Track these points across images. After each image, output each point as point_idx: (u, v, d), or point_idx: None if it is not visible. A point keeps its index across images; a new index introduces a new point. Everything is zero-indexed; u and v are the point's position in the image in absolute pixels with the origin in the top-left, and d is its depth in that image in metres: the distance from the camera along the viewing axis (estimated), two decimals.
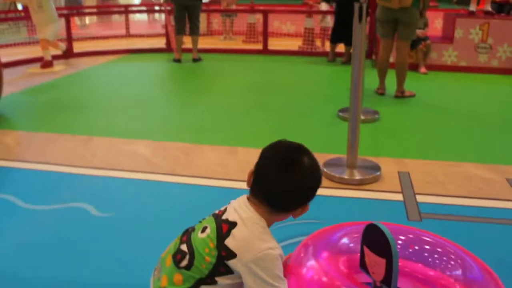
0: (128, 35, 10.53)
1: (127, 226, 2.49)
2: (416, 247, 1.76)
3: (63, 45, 7.63)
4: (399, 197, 2.79)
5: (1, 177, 3.26)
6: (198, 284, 1.34)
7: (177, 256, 1.38)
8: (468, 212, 2.62)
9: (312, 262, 1.58)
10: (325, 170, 3.07)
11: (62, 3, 12.40)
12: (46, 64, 7.14)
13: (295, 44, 8.16)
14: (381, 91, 5.18)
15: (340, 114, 4.27)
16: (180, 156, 3.47)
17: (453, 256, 1.67)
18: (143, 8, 11.18)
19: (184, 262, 1.36)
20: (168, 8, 7.78)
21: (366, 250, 1.57)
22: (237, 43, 8.69)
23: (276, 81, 5.96)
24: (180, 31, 7.17)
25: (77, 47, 8.28)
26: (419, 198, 2.77)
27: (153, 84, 6.24)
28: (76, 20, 12.47)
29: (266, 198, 1.38)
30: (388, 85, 5.21)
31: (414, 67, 6.31)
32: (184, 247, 1.39)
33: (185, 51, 7.40)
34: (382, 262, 1.50)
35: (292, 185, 1.37)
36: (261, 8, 8.72)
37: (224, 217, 1.39)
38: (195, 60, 7.28)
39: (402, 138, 3.88)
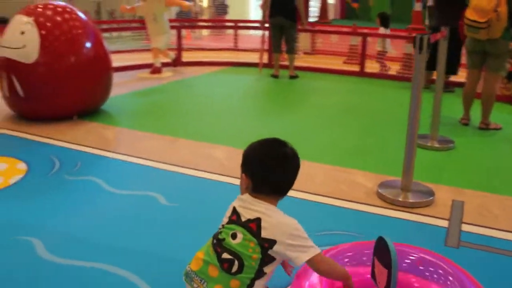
0: (236, 49, 11.11)
1: (186, 216, 2.85)
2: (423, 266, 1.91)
3: (172, 54, 8.32)
4: (445, 223, 2.85)
5: (94, 163, 3.79)
6: (253, 283, 1.56)
7: (224, 265, 1.55)
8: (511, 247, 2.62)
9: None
10: (379, 190, 3.21)
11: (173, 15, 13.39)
12: (155, 70, 7.86)
13: (394, 68, 8.19)
14: (465, 121, 5.13)
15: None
16: None
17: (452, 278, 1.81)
18: (249, 24, 11.71)
19: (235, 268, 1.54)
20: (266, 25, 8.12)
21: (376, 261, 1.75)
22: (337, 64, 8.87)
23: (364, 103, 6.08)
24: (276, 49, 7.53)
25: (187, 56, 8.96)
26: (465, 227, 2.80)
27: (246, 95, 6.63)
28: (191, 32, 13.40)
29: (274, 190, 1.65)
30: (475, 117, 5.15)
31: (510, 100, 6.10)
32: (226, 256, 1.55)
33: (285, 67, 7.71)
34: (385, 272, 1.68)
35: (294, 170, 1.67)
36: (362, 31, 8.85)
37: (243, 219, 1.61)
38: (292, 77, 7.58)
39: (469, 169, 3.86)
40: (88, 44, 5.03)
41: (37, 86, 4.74)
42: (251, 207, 1.62)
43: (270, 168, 1.63)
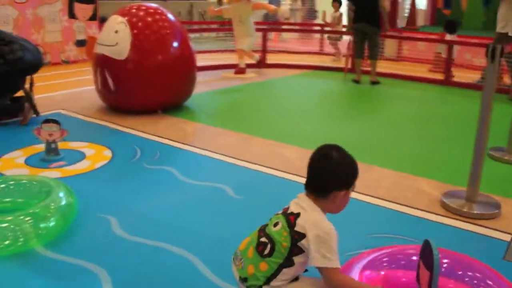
0: (321, 53, 11.19)
1: (249, 208, 3.01)
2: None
3: (257, 56, 8.56)
4: (508, 237, 2.78)
5: (171, 154, 4.06)
6: (280, 269, 1.68)
7: (259, 247, 1.71)
8: None
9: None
10: (443, 199, 3.18)
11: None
12: (240, 70, 8.14)
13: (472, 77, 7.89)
14: None
15: (490, 152, 4.23)
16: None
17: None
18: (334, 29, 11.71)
19: (267, 251, 1.69)
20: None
21: (420, 263, 1.81)
22: (422, 71, 8.68)
23: (442, 112, 5.94)
24: (358, 54, 7.53)
25: (272, 58, 9.17)
26: None
27: (324, 99, 6.69)
28: (277, 34, 13.63)
29: (312, 188, 1.76)
30: None
31: None
32: (263, 239, 1.72)
33: (367, 73, 7.68)
34: (427, 274, 1.74)
35: (329, 173, 1.74)
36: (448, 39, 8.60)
37: (289, 211, 1.77)
38: (373, 83, 7.54)
39: None
40: (175, 44, 5.35)
41: (127, 81, 5.13)
42: (299, 202, 1.77)
43: (311, 168, 1.78)
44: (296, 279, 1.74)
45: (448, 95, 7.02)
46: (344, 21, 10.27)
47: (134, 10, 5.34)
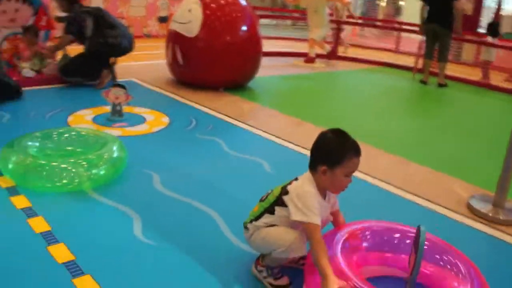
0: (396, 50, 11.10)
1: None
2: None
3: (328, 47, 8.70)
4: None
5: (223, 128, 4.36)
6: (264, 213, 2.05)
7: (263, 197, 2.13)
8: None
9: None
10: (469, 201, 3.24)
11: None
12: (309, 59, 8.33)
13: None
14: None
15: None
16: (368, 158, 3.94)
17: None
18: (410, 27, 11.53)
19: (263, 198, 2.11)
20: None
21: (412, 248, 1.97)
22: (498, 80, 8.44)
23: (503, 123, 5.79)
24: (428, 55, 7.46)
25: (343, 51, 9.26)
26: None
27: (385, 95, 6.71)
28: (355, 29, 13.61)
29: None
30: None
31: None
32: (267, 192, 2.11)
33: (435, 74, 7.61)
34: (414, 257, 1.91)
35: (313, 146, 1.99)
36: None
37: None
38: (440, 85, 7.46)
39: None
40: (243, 27, 5.64)
41: (194, 58, 5.49)
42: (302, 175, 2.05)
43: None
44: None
45: None
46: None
47: None
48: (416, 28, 8.03)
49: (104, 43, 5.19)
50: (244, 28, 5.65)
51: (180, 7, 5.73)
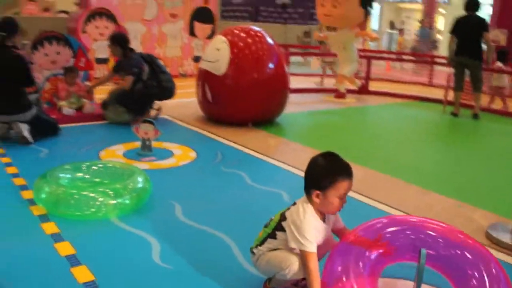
0: (429, 84, 11.08)
1: None
2: None
3: (358, 82, 8.80)
4: None
5: (249, 162, 4.49)
6: (267, 238, 2.18)
7: (267, 222, 2.26)
8: None
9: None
10: (488, 230, 3.23)
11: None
12: (339, 95, 8.46)
13: None
14: None
15: None
16: (392, 189, 3.99)
17: None
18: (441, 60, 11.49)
19: (267, 224, 2.25)
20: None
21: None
22: None
23: None
24: (457, 87, 7.45)
25: (375, 86, 9.35)
26: None
27: (416, 128, 6.72)
28: (391, 64, 13.69)
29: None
30: None
31: None
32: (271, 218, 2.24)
33: (466, 106, 7.57)
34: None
35: (305, 172, 2.11)
36: None
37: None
38: (475, 115, 7.41)
39: None
40: (270, 65, 5.84)
41: (223, 95, 5.71)
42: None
43: None
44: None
45: None
46: None
47: (236, 32, 5.93)
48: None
49: (159, 86, 5.67)
50: (271, 65, 5.84)
51: (209, 46, 6.00)
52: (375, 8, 24.89)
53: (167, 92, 5.83)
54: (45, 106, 5.78)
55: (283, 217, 2.11)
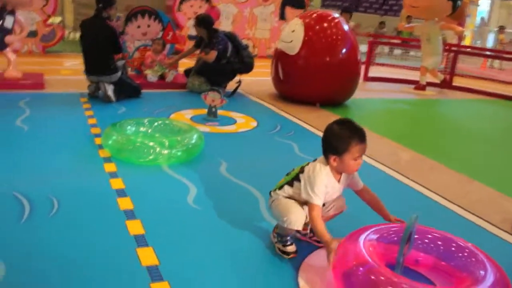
0: None
1: None
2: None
3: (441, 76, 8.67)
4: None
5: (302, 134, 4.76)
6: (285, 184, 2.42)
7: (289, 171, 2.49)
8: None
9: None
10: None
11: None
12: (419, 87, 8.39)
13: None
14: None
15: None
16: (452, 182, 4.00)
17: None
18: None
19: (289, 172, 2.47)
20: None
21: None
22: None
23: None
24: None
25: (460, 81, 9.13)
26: None
27: (488, 125, 6.53)
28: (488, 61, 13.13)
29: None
30: None
31: None
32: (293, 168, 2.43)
33: None
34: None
35: (323, 138, 2.30)
36: None
37: None
38: None
39: None
40: (343, 50, 6.02)
41: (294, 74, 6.00)
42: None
43: None
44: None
45: None
46: None
47: (314, 15, 6.16)
48: None
49: (241, 62, 6.26)
50: (343, 50, 6.02)
51: (286, 28, 6.30)
52: (485, 4, 23.68)
53: (248, 66, 6.37)
54: (133, 73, 6.42)
55: (302, 170, 2.31)
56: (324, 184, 2.24)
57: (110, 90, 5.14)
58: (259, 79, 7.42)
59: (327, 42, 5.94)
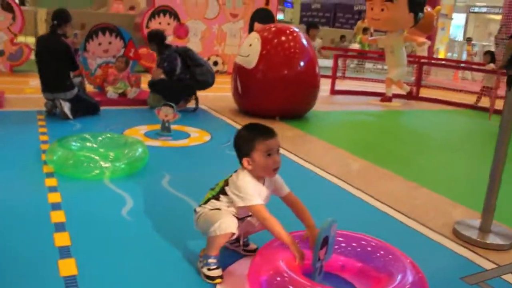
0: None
1: None
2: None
3: (407, 87, 8.83)
4: (491, 266, 2.74)
5: None
6: (211, 199, 2.35)
7: (213, 186, 2.44)
8: None
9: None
10: (455, 227, 3.19)
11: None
12: (386, 99, 8.53)
13: None
14: None
15: None
16: (398, 189, 4.15)
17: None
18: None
19: (213, 187, 2.47)
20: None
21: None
22: None
23: None
24: None
25: (426, 93, 9.29)
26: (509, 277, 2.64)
27: (453, 135, 6.63)
28: (458, 73, 13.35)
29: None
30: None
31: None
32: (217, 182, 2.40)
33: None
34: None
35: (233, 145, 2.36)
36: None
37: None
38: None
39: None
40: (301, 63, 6.12)
41: (252, 88, 6.08)
42: None
43: None
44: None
45: None
46: None
47: (272, 29, 6.27)
48: None
49: (192, 78, 6.17)
50: (302, 64, 6.12)
51: (244, 42, 6.40)
52: (459, 18, 24.13)
53: (202, 84, 6.30)
54: (96, 90, 6.46)
55: (226, 183, 2.30)
56: (253, 185, 2.23)
57: (66, 107, 5.17)
58: (222, 94, 7.50)
59: (285, 55, 6.04)
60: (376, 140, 5.85)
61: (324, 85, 9.23)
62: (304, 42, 6.26)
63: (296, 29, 6.42)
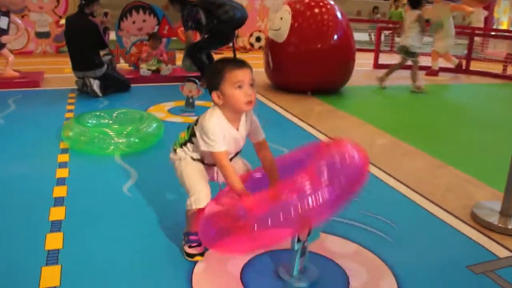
0: None
1: None
2: None
3: (455, 60, 8.37)
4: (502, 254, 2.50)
5: (277, 122, 4.73)
6: (186, 143, 2.25)
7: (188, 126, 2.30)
8: None
9: None
10: (473, 210, 2.97)
11: None
12: (431, 72, 8.14)
13: None
14: None
15: None
16: (424, 171, 3.95)
17: None
18: None
19: (188, 125, 2.29)
20: None
21: None
22: None
23: None
24: None
25: (477, 66, 8.78)
26: None
27: (497, 109, 6.26)
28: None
29: None
30: None
31: None
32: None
33: None
34: None
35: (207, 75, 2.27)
36: None
37: None
38: None
39: None
40: (335, 36, 5.92)
41: (283, 62, 5.95)
42: None
43: None
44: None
45: None
46: None
47: (305, 1, 6.07)
48: None
49: (219, 21, 5.82)
50: (335, 37, 5.91)
51: (276, 16, 6.25)
52: None
53: (232, 20, 5.88)
54: (131, 67, 6.55)
55: (196, 122, 2.19)
56: (218, 127, 2.09)
57: (95, 85, 5.27)
58: (256, 70, 7.40)
59: (317, 28, 5.87)
60: (412, 116, 5.57)
61: (364, 60, 8.98)
62: (338, 14, 6.04)
63: (331, 1, 6.18)
